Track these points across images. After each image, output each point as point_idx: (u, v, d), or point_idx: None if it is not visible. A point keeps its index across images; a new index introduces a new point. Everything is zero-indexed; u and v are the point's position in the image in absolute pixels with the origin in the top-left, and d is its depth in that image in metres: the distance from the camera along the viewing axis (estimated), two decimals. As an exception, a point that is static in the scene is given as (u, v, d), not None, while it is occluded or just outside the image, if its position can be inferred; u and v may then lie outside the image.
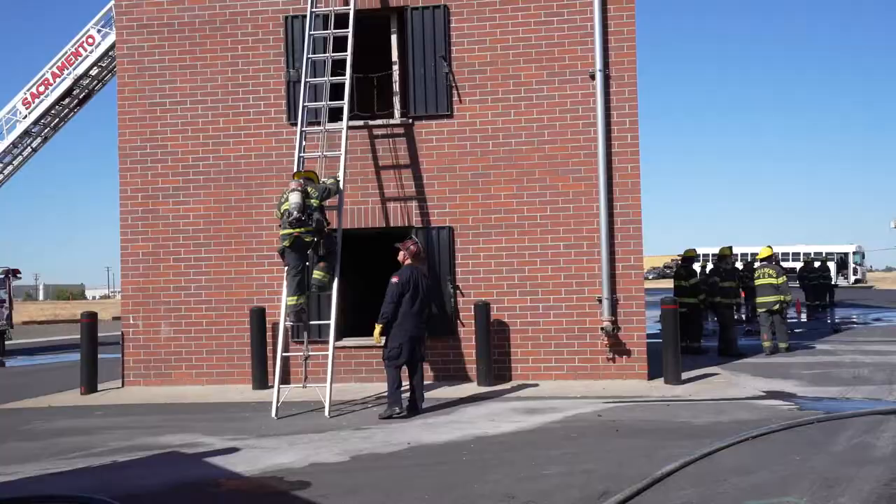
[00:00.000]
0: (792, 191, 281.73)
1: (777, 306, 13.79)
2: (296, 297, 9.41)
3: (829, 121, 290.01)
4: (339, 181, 9.84)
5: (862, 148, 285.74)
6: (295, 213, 9.04)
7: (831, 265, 46.93)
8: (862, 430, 7.14)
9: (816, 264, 27.95)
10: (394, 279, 8.62)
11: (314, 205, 9.28)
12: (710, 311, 15.54)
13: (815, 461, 6.11)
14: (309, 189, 9.38)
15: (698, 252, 15.56)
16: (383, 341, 8.66)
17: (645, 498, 5.28)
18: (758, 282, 14.30)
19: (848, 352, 13.47)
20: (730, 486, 5.47)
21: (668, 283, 54.77)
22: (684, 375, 10.46)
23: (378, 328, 8.61)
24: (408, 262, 8.89)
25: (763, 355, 13.29)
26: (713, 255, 50.18)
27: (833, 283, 30.24)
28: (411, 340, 8.60)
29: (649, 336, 11.11)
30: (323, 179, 9.96)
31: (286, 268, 9.53)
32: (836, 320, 21.32)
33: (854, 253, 50.50)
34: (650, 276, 67.59)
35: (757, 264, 15.14)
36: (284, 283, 9.59)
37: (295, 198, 9.11)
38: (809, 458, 6.19)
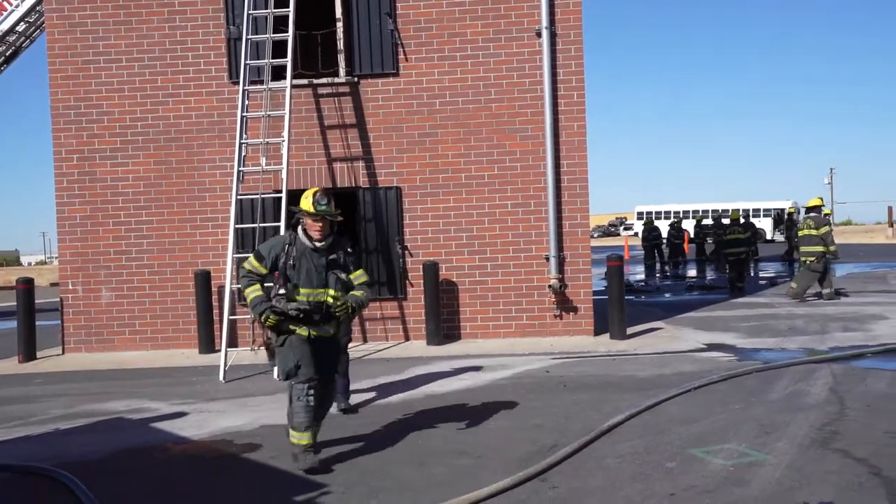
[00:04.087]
0: (729, 148, 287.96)
1: (813, 257, 14.09)
2: None
3: (766, 77, 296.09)
4: None
5: (797, 104, 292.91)
6: None
7: (768, 221, 48.32)
8: (797, 379, 7.43)
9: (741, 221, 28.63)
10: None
11: None
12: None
13: (754, 409, 6.34)
14: None
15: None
16: None
17: (593, 449, 5.42)
18: (801, 232, 14.66)
19: (783, 304, 13.94)
20: (674, 436, 5.64)
21: (613, 241, 55.63)
22: (629, 330, 10.69)
23: None
24: None
25: (704, 309, 13.70)
26: (665, 212, 51.05)
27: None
28: None
29: (596, 293, 11.29)
30: None
31: None
32: (772, 274, 22.01)
33: (787, 209, 51.92)
34: (595, 235, 68.60)
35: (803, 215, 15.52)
36: None
37: None
38: (748, 407, 6.43)
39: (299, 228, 5.36)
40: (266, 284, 5.33)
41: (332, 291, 5.28)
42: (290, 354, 5.25)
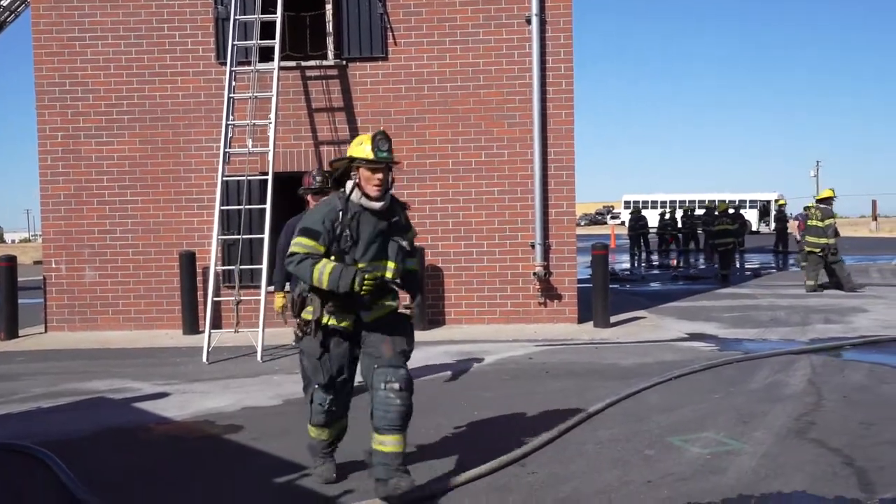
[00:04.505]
0: (718, 138, 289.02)
1: (820, 249, 14.23)
2: None
3: (757, 69, 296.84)
4: None
5: (787, 97, 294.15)
6: None
7: (754, 212, 48.67)
8: (776, 369, 7.51)
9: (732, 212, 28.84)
10: None
11: None
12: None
13: (733, 399, 6.41)
14: None
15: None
16: None
17: (574, 435, 5.46)
18: (809, 223, 14.83)
19: (766, 295, 14.06)
20: (653, 424, 5.70)
21: (599, 230, 55.77)
22: (613, 319, 10.76)
23: None
24: None
25: (689, 299, 13.80)
26: (652, 202, 51.27)
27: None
28: None
29: (580, 281, 11.35)
30: None
31: None
32: (757, 266, 22.19)
33: (775, 201, 52.28)
34: (582, 223, 68.84)
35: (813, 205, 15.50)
36: None
37: None
38: (728, 396, 6.50)
39: (349, 186, 4.27)
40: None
41: (391, 264, 4.27)
42: (320, 370, 4.31)
